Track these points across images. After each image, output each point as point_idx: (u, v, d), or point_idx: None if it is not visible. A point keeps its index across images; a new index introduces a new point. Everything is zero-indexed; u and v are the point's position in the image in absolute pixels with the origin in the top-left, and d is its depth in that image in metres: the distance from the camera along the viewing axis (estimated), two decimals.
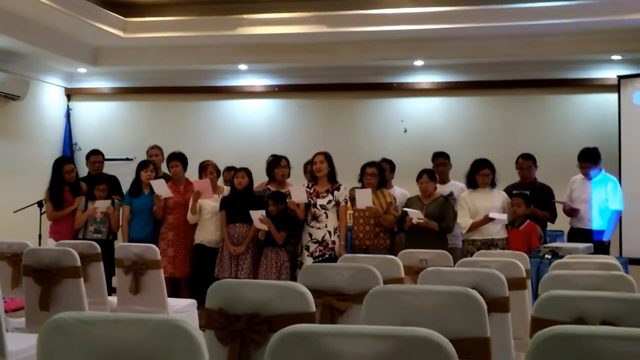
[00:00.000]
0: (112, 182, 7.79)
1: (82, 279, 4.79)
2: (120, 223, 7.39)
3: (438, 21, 8.35)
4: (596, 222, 7.22)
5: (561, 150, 7.98)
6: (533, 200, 6.99)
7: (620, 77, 8.62)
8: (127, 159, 9.66)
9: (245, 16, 8.80)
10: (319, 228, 6.87)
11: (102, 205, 7.23)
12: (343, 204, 6.95)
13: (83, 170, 8.36)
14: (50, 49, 8.95)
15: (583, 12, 7.94)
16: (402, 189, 7.63)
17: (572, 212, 7.28)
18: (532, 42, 8.59)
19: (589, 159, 7.25)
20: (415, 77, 9.62)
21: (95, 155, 8.12)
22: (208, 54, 9.38)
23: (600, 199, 7.24)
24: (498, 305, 3.22)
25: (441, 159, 7.68)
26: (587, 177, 7.27)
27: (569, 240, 7.21)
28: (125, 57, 9.63)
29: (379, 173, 7.10)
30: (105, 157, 8.30)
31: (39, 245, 7.69)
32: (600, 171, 7.30)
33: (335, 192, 6.95)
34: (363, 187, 7.00)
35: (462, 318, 2.49)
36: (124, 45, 9.35)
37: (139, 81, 10.27)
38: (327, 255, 6.77)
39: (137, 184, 7.46)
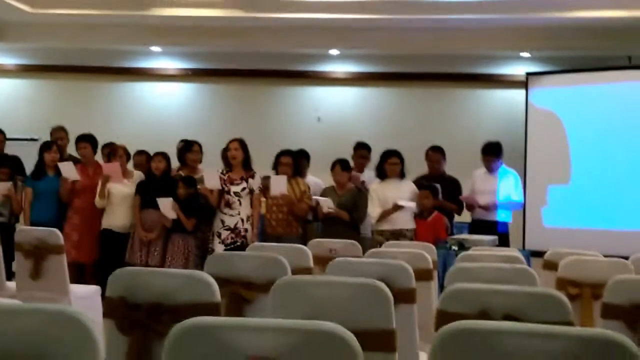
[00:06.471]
0: (15, 163, 7.50)
1: None
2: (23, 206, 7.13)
3: (354, 11, 8.38)
4: (499, 214, 7.40)
5: (469, 144, 8.14)
6: (441, 192, 7.11)
7: (528, 74, 8.86)
8: (32, 139, 9.28)
9: None
10: (231, 215, 6.79)
11: (2, 187, 6.95)
12: (257, 192, 6.90)
13: None
14: None
15: (495, 8, 8.11)
16: (315, 178, 7.63)
17: (473, 207, 7.43)
18: (444, 36, 8.73)
19: (493, 152, 7.42)
20: (330, 66, 9.64)
21: None
22: (119, 33, 9.12)
23: (502, 192, 7.43)
24: (405, 296, 3.25)
25: (363, 150, 7.71)
26: (490, 170, 7.44)
27: (471, 231, 7.35)
28: (32, 33, 9.26)
29: (294, 162, 7.08)
30: (8, 136, 7.97)
31: None
32: (501, 165, 7.49)
33: (250, 180, 6.88)
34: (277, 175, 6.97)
35: (369, 310, 2.49)
36: (31, 21, 8.99)
37: (46, 59, 9.90)
38: (238, 243, 6.71)
39: (40, 166, 7.19)
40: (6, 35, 9.34)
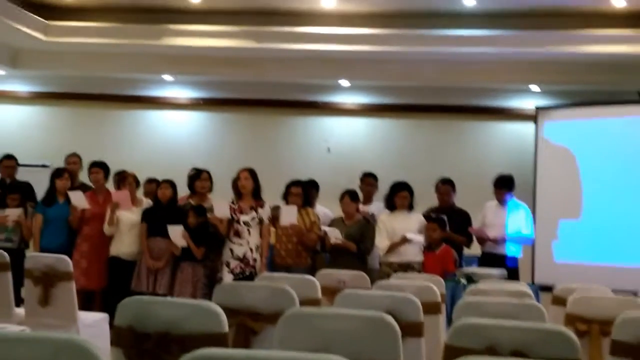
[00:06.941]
0: (26, 189, 7.54)
1: None
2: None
3: (365, 43, 8.45)
4: (509, 248, 7.38)
5: (479, 176, 8.15)
6: (450, 224, 7.10)
7: (538, 108, 8.88)
8: (43, 166, 9.35)
9: (171, 26, 8.70)
10: (240, 245, 6.79)
11: (13, 213, 6.98)
12: (266, 222, 6.90)
13: None
14: None
15: (505, 42, 8.16)
16: (324, 208, 7.63)
17: (484, 240, 7.41)
18: (454, 68, 8.79)
19: (505, 185, 7.44)
20: (341, 97, 9.70)
21: (7, 160, 7.83)
22: (132, 62, 9.22)
23: (513, 226, 7.41)
24: (412, 329, 3.24)
25: (370, 179, 7.73)
26: (502, 203, 7.45)
27: (481, 264, 7.32)
28: (45, 61, 9.37)
29: (304, 192, 7.09)
30: (20, 162, 8.02)
31: None
32: (512, 198, 7.49)
33: (259, 210, 6.89)
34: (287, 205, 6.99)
35: (376, 343, 2.48)
36: (45, 49, 9.10)
37: (59, 86, 10.01)
38: (247, 273, 6.70)
39: (51, 193, 7.23)
40: (20, 63, 9.45)
